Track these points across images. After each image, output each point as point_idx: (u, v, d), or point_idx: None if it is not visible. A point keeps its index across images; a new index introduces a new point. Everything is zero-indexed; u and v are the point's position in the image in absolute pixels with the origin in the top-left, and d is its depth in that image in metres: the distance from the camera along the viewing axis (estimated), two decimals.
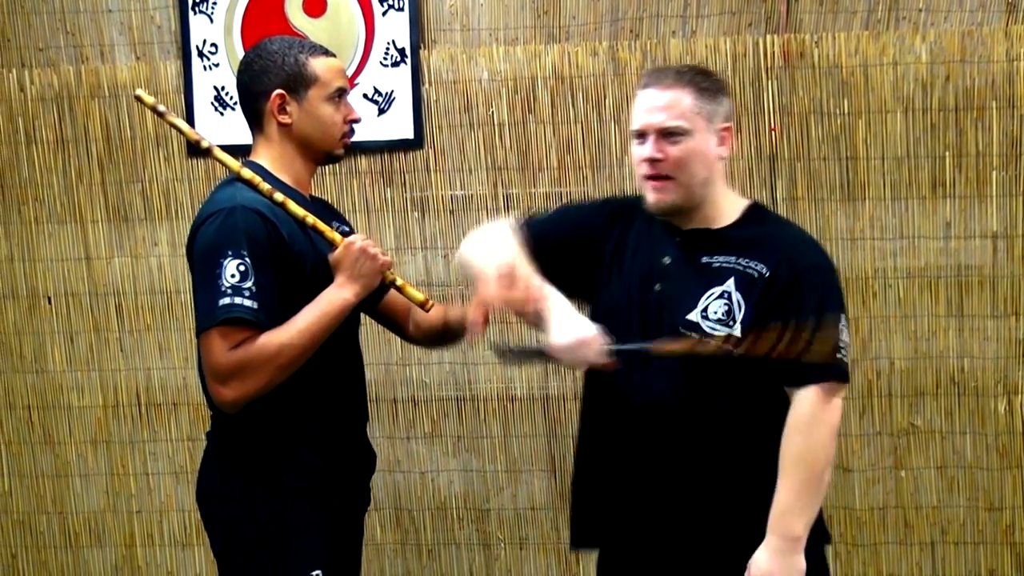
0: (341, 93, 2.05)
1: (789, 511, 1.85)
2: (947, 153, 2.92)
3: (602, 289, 2.03)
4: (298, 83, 2.00)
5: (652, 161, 1.91)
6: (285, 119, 2.01)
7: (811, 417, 1.86)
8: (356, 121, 2.09)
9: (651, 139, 1.92)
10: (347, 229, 2.16)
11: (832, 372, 1.87)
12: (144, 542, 3.22)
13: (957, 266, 2.94)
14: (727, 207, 1.99)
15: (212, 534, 2.04)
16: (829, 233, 2.94)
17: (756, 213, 2.01)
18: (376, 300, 2.25)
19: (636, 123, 1.95)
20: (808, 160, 2.95)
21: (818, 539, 1.95)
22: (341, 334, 2.01)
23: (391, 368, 3.10)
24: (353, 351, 2.14)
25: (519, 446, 3.11)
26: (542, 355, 1.91)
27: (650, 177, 1.93)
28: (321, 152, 2.06)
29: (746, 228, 1.96)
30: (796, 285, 1.88)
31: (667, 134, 1.91)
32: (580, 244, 2.06)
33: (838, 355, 1.88)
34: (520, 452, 3.11)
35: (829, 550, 2.08)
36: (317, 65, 2.02)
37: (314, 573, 1.96)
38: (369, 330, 3.00)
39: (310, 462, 1.99)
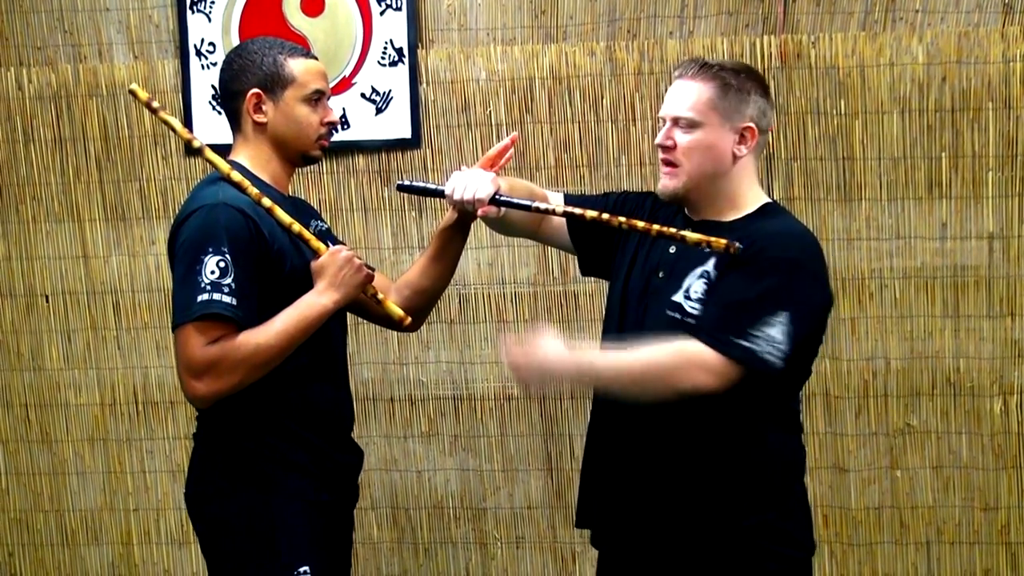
0: (319, 95, 2.06)
1: (598, 358, 1.90)
2: (943, 154, 2.92)
3: (619, 277, 2.07)
4: (275, 83, 2.02)
5: (662, 148, 1.97)
6: (261, 118, 2.03)
7: (675, 360, 1.82)
8: (333, 123, 2.10)
9: (666, 126, 1.98)
10: (324, 225, 2.17)
11: (724, 344, 1.80)
12: (141, 540, 3.23)
13: (953, 266, 2.95)
14: (743, 203, 1.98)
15: (200, 533, 2.05)
16: (825, 233, 2.94)
17: (767, 208, 1.99)
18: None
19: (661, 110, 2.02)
20: (805, 160, 2.95)
21: (798, 546, 1.96)
22: (325, 334, 2.01)
23: (388, 367, 3.10)
24: (338, 351, 2.14)
25: (516, 445, 3.11)
26: (438, 193, 2.10)
27: (663, 162, 1.98)
28: (296, 153, 2.07)
29: (751, 221, 1.95)
30: (756, 260, 1.84)
31: (679, 123, 1.96)
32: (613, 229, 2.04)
33: (742, 339, 1.80)
34: (517, 451, 3.11)
35: (824, 550, 2.05)
36: (295, 66, 2.04)
37: (302, 569, 1.96)
38: (366, 329, 3.01)
39: (295, 458, 2.00)
